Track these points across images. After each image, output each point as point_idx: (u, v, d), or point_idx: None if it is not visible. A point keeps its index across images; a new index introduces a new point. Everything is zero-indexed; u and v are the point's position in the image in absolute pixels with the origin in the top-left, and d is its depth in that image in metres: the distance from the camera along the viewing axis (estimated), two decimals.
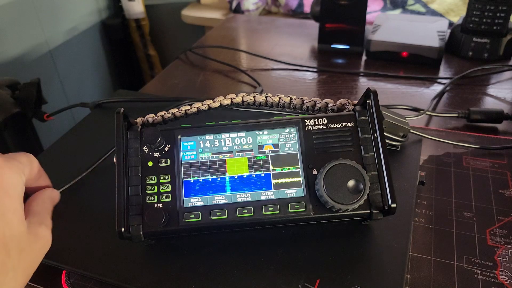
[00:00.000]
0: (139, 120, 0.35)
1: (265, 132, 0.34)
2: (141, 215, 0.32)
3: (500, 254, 0.36)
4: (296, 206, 0.32)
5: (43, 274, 0.36)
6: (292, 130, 0.34)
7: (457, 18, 0.92)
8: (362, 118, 0.33)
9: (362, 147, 0.33)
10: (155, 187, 0.32)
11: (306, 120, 0.34)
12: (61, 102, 1.15)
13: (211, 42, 0.84)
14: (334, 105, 0.36)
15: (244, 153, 0.33)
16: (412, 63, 0.70)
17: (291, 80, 0.68)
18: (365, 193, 0.30)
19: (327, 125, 0.33)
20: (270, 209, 0.32)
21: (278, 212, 0.32)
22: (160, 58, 1.44)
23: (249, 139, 0.34)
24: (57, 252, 0.36)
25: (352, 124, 0.33)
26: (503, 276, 0.34)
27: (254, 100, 0.37)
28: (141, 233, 0.31)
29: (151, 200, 0.32)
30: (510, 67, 0.67)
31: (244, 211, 0.32)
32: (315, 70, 0.71)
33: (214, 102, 0.37)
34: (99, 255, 0.36)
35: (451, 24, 0.88)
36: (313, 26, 0.81)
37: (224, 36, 0.87)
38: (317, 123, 0.34)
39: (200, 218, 0.32)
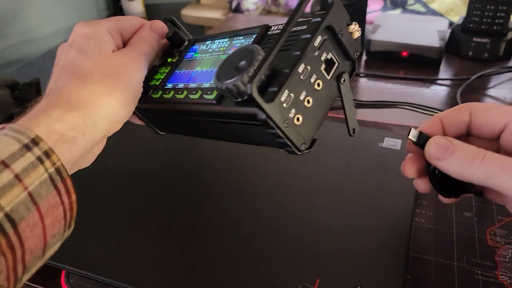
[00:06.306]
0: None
1: (241, 38, 0.34)
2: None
3: (500, 254, 0.36)
4: (208, 92, 0.31)
5: (43, 274, 0.36)
6: (257, 31, 0.33)
7: (457, 18, 0.92)
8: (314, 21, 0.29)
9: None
10: (159, 75, 0.37)
11: (273, 26, 0.33)
12: None
13: None
14: None
15: (217, 54, 0.35)
16: (412, 63, 0.70)
17: None
18: (248, 72, 0.25)
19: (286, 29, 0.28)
20: (200, 94, 0.31)
21: (197, 97, 0.31)
22: None
23: (227, 43, 0.35)
24: (57, 252, 0.36)
25: (306, 27, 0.29)
26: (503, 276, 0.34)
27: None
28: None
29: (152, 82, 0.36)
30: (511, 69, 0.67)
31: (193, 93, 0.32)
32: None
33: None
34: (99, 255, 0.36)
35: (451, 24, 0.88)
36: None
37: None
38: (278, 29, 0.32)
39: (158, 95, 0.34)
